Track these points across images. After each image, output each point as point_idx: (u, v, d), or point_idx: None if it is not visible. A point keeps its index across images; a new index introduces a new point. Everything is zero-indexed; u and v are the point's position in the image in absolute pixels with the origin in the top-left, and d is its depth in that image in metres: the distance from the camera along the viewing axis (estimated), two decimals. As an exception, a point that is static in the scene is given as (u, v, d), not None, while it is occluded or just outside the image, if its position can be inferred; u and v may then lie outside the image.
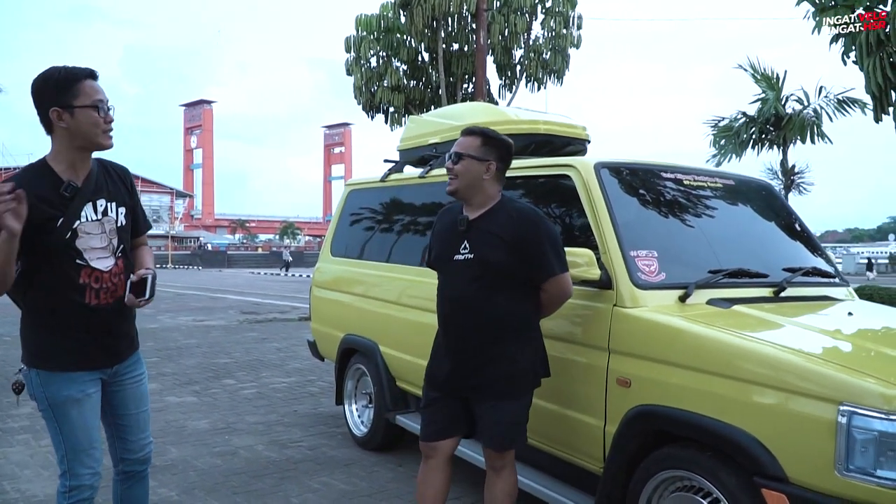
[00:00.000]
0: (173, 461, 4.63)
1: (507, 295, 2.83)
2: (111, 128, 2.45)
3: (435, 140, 4.72)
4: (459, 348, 2.88)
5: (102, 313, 2.51)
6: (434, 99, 16.07)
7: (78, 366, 2.48)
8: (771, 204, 4.00)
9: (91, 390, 2.53)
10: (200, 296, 20.76)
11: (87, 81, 2.39)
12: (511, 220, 2.83)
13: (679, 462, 2.64)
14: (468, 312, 2.85)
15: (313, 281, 5.70)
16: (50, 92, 2.36)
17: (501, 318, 2.82)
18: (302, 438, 5.21)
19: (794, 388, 2.31)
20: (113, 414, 2.67)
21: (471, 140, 2.91)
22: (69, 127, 2.37)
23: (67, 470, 2.47)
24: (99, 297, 2.48)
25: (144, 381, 2.77)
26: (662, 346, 2.75)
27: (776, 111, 14.80)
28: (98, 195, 2.51)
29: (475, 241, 2.85)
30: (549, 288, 2.87)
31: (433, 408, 3.01)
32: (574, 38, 16.25)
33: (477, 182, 2.88)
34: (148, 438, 2.78)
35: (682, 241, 3.36)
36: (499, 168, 2.91)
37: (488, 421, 2.88)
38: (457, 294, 2.89)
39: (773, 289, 3.25)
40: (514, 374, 2.85)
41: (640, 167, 3.53)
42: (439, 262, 3.02)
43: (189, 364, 8.43)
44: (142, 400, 2.74)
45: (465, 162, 2.87)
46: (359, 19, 16.04)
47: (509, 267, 2.80)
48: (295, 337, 10.90)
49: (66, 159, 2.43)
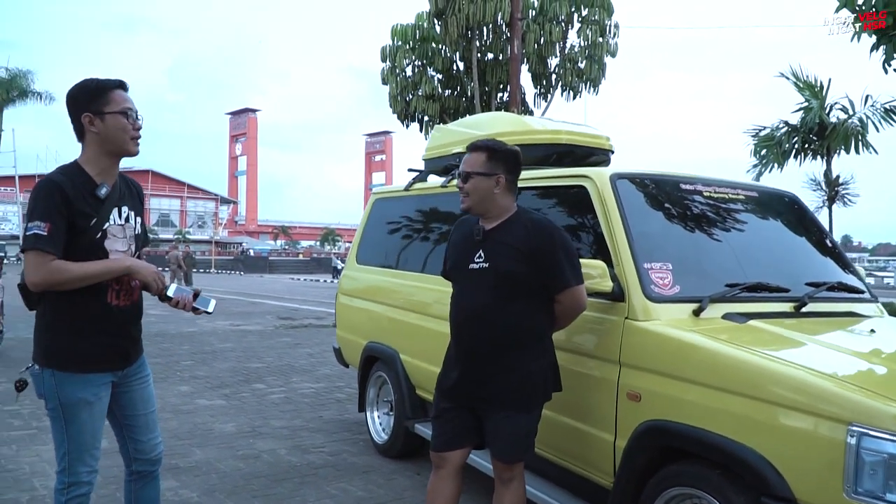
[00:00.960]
0: (197, 463, 4.71)
1: (522, 306, 2.83)
2: (139, 135, 2.58)
3: (458, 150, 4.72)
4: (471, 358, 2.89)
5: (121, 314, 2.60)
6: (469, 108, 16.11)
7: (94, 367, 2.54)
8: (797, 216, 3.92)
9: (102, 393, 2.59)
10: (240, 301, 21.06)
11: (118, 91, 2.54)
12: (527, 230, 2.83)
13: (688, 479, 2.60)
14: (482, 322, 2.85)
15: (339, 288, 5.76)
16: (83, 99, 2.51)
17: (515, 329, 2.82)
18: (324, 444, 5.25)
19: (804, 406, 2.27)
20: (122, 415, 2.73)
21: (476, 156, 2.92)
22: (100, 132, 2.50)
23: (67, 467, 2.54)
24: (119, 297, 2.58)
25: (150, 382, 2.84)
26: (672, 361, 2.72)
27: (820, 120, 14.47)
28: (122, 202, 2.63)
29: (490, 251, 2.86)
30: (563, 299, 2.86)
31: (444, 418, 3.01)
32: (610, 47, 16.15)
33: (488, 197, 2.89)
34: (158, 438, 2.83)
35: (700, 254, 3.31)
36: (508, 179, 2.91)
37: (498, 433, 2.88)
38: (471, 303, 2.90)
39: (793, 304, 3.18)
40: (525, 387, 2.84)
41: (658, 178, 3.50)
42: (454, 271, 3.04)
43: (222, 368, 8.56)
44: (149, 400, 2.80)
45: (474, 179, 2.89)
46: (394, 29, 16.18)
47: (524, 277, 2.80)
48: (327, 343, 10.98)
49: (98, 165, 2.54)
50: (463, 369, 2.91)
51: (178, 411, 6.17)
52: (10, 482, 4.22)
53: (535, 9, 15.94)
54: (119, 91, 2.54)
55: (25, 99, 36.64)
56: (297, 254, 79.90)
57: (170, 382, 7.49)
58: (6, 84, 35.82)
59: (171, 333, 11.89)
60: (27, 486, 4.18)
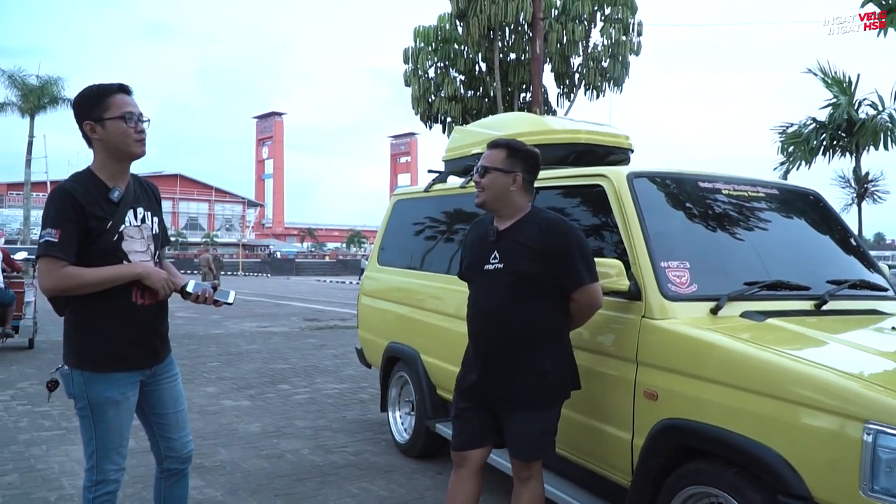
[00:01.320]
0: (222, 462, 4.77)
1: (538, 305, 2.84)
2: (142, 136, 2.59)
3: (478, 150, 4.73)
4: (489, 358, 2.90)
5: (147, 313, 2.66)
6: (491, 108, 16.14)
7: (121, 367, 2.60)
8: (819, 214, 3.88)
9: (130, 393, 2.65)
10: (266, 303, 21.25)
11: (118, 95, 2.56)
12: (541, 230, 2.85)
13: (705, 478, 2.59)
14: (498, 322, 2.87)
15: (361, 289, 5.81)
16: (84, 107, 2.56)
17: (531, 328, 2.84)
18: (347, 444, 5.29)
19: (820, 404, 2.25)
20: (152, 413, 2.80)
21: (496, 153, 2.94)
22: (102, 138, 2.55)
23: (95, 465, 2.60)
24: (143, 296, 2.63)
25: (179, 381, 2.89)
26: (689, 359, 2.71)
27: (848, 116, 14.28)
28: (137, 203, 2.67)
29: (505, 252, 2.88)
30: (578, 298, 2.87)
31: (463, 417, 3.03)
32: (634, 45, 16.08)
33: (504, 194, 2.91)
34: (188, 437, 2.89)
35: (718, 252, 3.30)
36: (525, 179, 2.93)
37: (516, 431, 2.89)
38: (487, 304, 2.92)
39: (814, 302, 3.15)
40: (543, 385, 2.85)
41: (676, 176, 3.49)
42: (470, 272, 3.07)
43: (248, 369, 8.66)
44: (178, 399, 2.86)
45: (492, 175, 2.91)
46: (416, 31, 16.25)
47: (539, 276, 2.82)
48: (352, 344, 10.99)
49: (108, 170, 2.59)
50: (480, 369, 2.93)
51: (204, 412, 6.26)
52: (40, 481, 4.32)
53: (558, 8, 15.93)
54: (119, 95, 2.55)
55: (56, 105, 37.30)
56: (324, 256, 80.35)
57: (196, 384, 7.60)
58: (37, 91, 36.49)
59: (198, 335, 12.05)
60: (56, 485, 4.27)
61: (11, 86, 36.48)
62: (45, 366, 8.47)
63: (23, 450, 4.97)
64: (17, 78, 36.20)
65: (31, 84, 36.49)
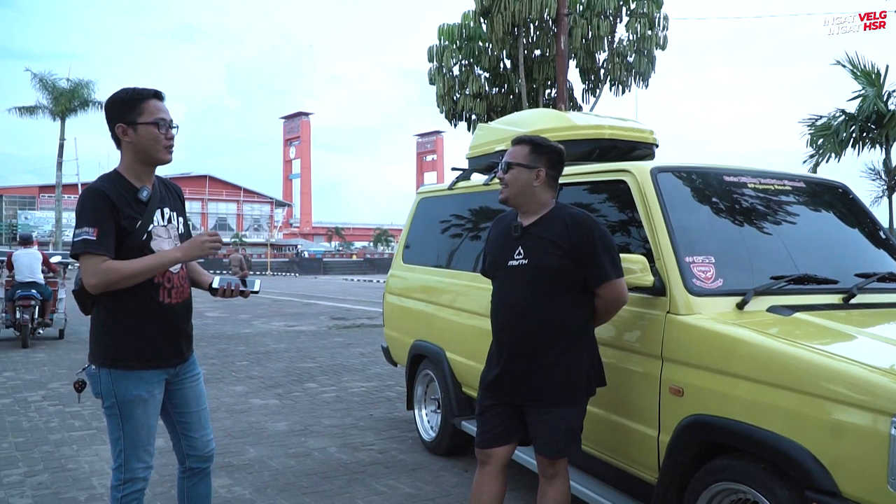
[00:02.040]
0: (250, 461, 4.82)
1: (562, 301, 2.84)
2: (172, 144, 2.65)
3: (501, 147, 4.73)
4: (514, 354, 2.90)
5: (173, 312, 2.70)
6: (516, 105, 16.10)
7: (149, 364, 2.64)
8: (847, 207, 3.82)
9: (157, 391, 2.69)
10: (294, 302, 21.43)
11: (152, 101, 2.61)
12: (566, 226, 2.84)
13: (732, 474, 2.57)
14: (523, 318, 2.86)
15: (386, 287, 5.83)
16: (118, 110, 2.61)
17: (556, 324, 2.83)
18: (374, 442, 5.32)
19: (847, 398, 2.22)
20: (175, 412, 2.83)
21: (520, 149, 2.95)
22: (133, 141, 2.60)
23: (123, 464, 2.64)
24: (171, 295, 2.68)
25: (201, 380, 2.93)
26: (714, 355, 2.69)
27: (877, 108, 14.02)
28: (163, 204, 2.73)
29: (529, 247, 2.88)
30: (603, 293, 2.86)
31: (488, 415, 3.02)
32: (659, 40, 15.93)
33: (527, 190, 2.91)
34: (210, 435, 2.92)
35: (744, 247, 3.26)
36: (549, 175, 2.93)
37: (542, 428, 2.88)
38: (511, 300, 2.91)
39: (842, 295, 3.11)
40: (568, 382, 2.84)
41: (700, 171, 3.46)
42: (494, 268, 3.07)
43: (276, 368, 8.74)
44: (201, 397, 2.89)
45: (515, 170, 2.91)
46: (441, 29, 16.25)
47: (563, 272, 2.81)
48: (379, 342, 11.01)
49: (135, 172, 2.65)
50: (505, 366, 2.92)
51: (232, 411, 6.33)
52: (70, 481, 4.40)
53: (583, 4, 15.83)
54: (153, 101, 2.61)
55: (87, 108, 37.93)
56: (351, 255, 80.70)
57: (225, 383, 7.69)
58: (68, 94, 37.14)
59: (227, 335, 12.18)
60: (86, 484, 4.35)
61: (42, 89, 37.17)
62: (76, 366, 8.61)
63: (53, 450, 5.06)
64: (47, 81, 36.86)
65: (61, 87, 37.14)
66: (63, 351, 10.05)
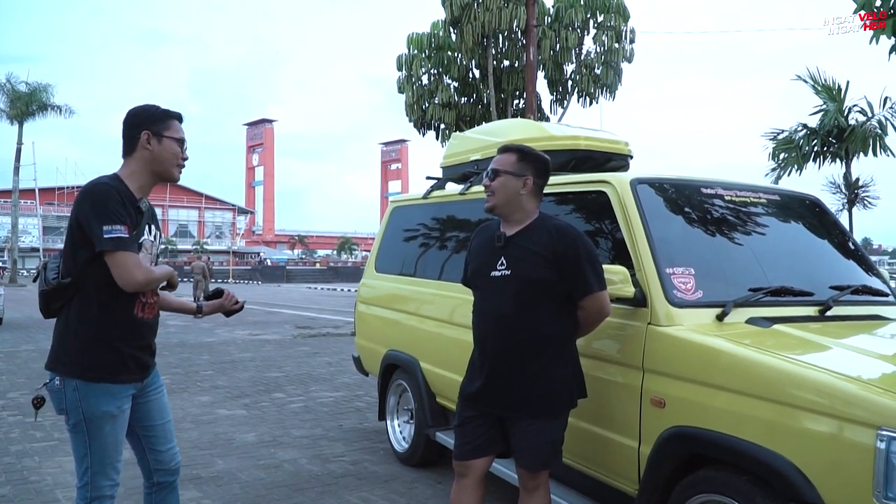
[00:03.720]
0: (219, 473, 4.72)
1: (545, 312, 2.82)
2: (184, 164, 2.72)
3: (476, 157, 4.73)
4: (497, 365, 2.86)
5: (145, 327, 2.65)
6: (485, 115, 16.15)
7: (120, 378, 2.55)
8: (819, 220, 3.88)
9: (125, 406, 2.61)
10: (257, 310, 21.12)
11: (176, 121, 2.72)
12: (550, 236, 2.82)
13: (715, 486, 2.56)
14: (506, 329, 2.83)
15: (358, 296, 5.77)
16: (146, 118, 2.65)
17: (539, 336, 2.81)
18: (345, 453, 5.25)
19: (832, 411, 2.23)
20: (140, 426, 2.75)
21: (507, 157, 2.93)
22: (153, 151, 2.62)
23: (89, 482, 2.54)
24: (144, 311, 2.63)
25: (164, 392, 2.87)
26: (696, 366, 2.69)
27: (838, 123, 14.36)
28: (151, 220, 2.71)
29: (512, 258, 2.85)
30: (587, 305, 2.85)
31: (469, 426, 2.98)
32: (626, 52, 16.14)
33: (514, 198, 2.89)
34: (175, 448, 2.85)
35: (722, 259, 3.28)
36: (536, 184, 2.92)
37: (523, 440, 2.85)
38: (494, 310, 2.88)
39: (818, 307, 3.14)
40: (552, 393, 2.82)
41: (678, 182, 3.48)
42: (476, 278, 3.03)
43: (241, 377, 8.59)
44: (164, 410, 2.83)
45: (502, 178, 2.89)
46: (410, 38, 16.26)
47: (546, 283, 2.79)
48: (346, 352, 11.00)
49: (138, 181, 2.63)
50: (487, 377, 2.88)
51: (198, 421, 6.20)
52: (33, 494, 4.26)
53: (551, 15, 15.99)
54: (177, 122, 2.70)
55: (45, 112, 37.10)
56: (315, 263, 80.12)
57: (190, 392, 7.53)
58: (26, 98, 36.30)
59: (190, 343, 11.97)
60: (49, 497, 4.21)
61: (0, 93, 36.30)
62: (35, 375, 8.38)
63: (15, 461, 4.90)
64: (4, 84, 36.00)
65: (19, 91, 36.30)
66: (22, 360, 9.76)
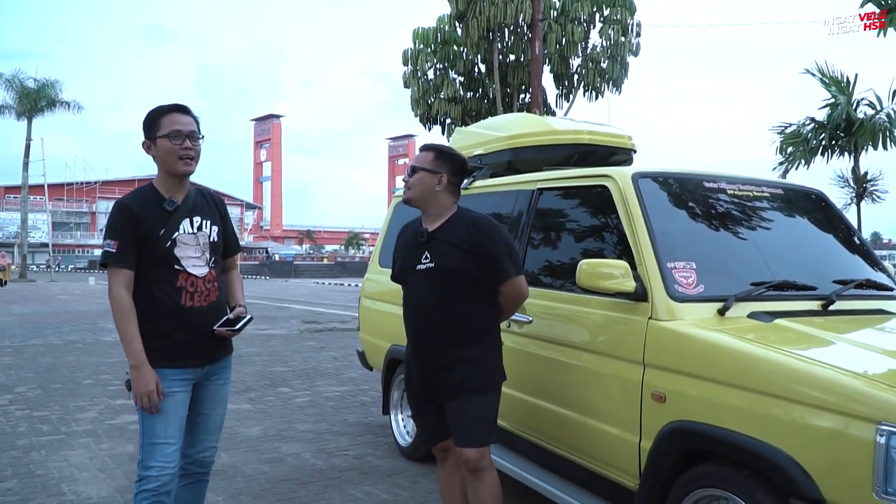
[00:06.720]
0: (223, 467, 4.73)
1: (468, 300, 3.02)
2: (187, 154, 2.74)
3: (479, 151, 4.74)
4: (426, 352, 3.08)
5: (197, 315, 2.78)
6: (491, 110, 16.11)
7: (169, 364, 2.71)
8: (823, 213, 3.86)
9: (176, 388, 2.74)
10: (265, 305, 21.19)
11: (170, 114, 2.75)
12: (468, 229, 3.01)
13: (715, 480, 2.56)
14: (433, 318, 3.04)
15: (362, 291, 5.77)
16: (145, 127, 2.78)
17: (465, 323, 3.01)
18: (349, 447, 5.26)
19: (832, 406, 2.22)
20: (190, 411, 2.85)
21: (425, 155, 3.15)
22: (156, 156, 2.77)
23: (141, 460, 2.70)
24: (193, 299, 2.77)
25: (227, 386, 3.00)
26: (697, 361, 2.68)
27: (847, 116, 14.26)
28: (195, 213, 2.83)
29: (436, 251, 3.04)
30: (505, 290, 3.03)
31: (420, 415, 3.23)
32: (632, 46, 16.07)
33: (429, 193, 3.08)
34: (212, 444, 2.98)
35: (724, 253, 3.27)
36: (451, 181, 3.11)
37: (458, 418, 3.02)
38: (421, 302, 3.08)
39: (820, 302, 3.12)
40: (480, 372, 3.02)
41: (681, 176, 3.46)
42: (403, 272, 3.23)
43: (248, 372, 8.62)
44: (219, 402, 2.97)
45: (419, 175, 3.10)
46: (416, 32, 16.23)
47: (468, 273, 2.99)
48: (352, 347, 11.00)
49: (165, 184, 2.81)
50: (420, 364, 3.10)
51: (204, 415, 6.21)
52: (39, 487, 4.28)
53: (557, 9, 15.94)
54: (171, 114, 2.73)
55: (54, 108, 37.26)
56: (322, 258, 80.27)
57: (196, 387, 7.55)
58: (34, 94, 36.46)
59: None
60: (55, 490, 4.23)
61: (9, 89, 36.45)
62: (44, 370, 8.44)
63: (21, 455, 4.93)
64: (14, 81, 36.15)
65: (28, 87, 36.45)
66: (30, 354, 9.82)
